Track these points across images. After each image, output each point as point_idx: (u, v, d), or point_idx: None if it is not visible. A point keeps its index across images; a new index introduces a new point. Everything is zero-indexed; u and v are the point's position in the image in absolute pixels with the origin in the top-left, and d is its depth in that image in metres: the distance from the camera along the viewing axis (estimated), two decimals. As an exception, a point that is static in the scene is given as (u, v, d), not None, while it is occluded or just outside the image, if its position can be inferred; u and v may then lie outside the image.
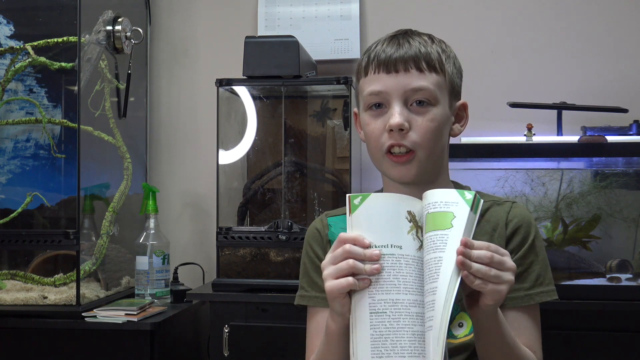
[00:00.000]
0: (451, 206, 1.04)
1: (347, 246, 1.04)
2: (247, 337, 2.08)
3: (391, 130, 1.20)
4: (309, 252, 1.32)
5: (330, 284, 1.04)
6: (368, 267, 1.03)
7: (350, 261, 1.03)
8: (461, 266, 1.01)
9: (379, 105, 1.23)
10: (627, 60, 2.44)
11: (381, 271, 1.03)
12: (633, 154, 2.12)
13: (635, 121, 2.21)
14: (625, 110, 2.24)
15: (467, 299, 1.08)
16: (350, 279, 1.02)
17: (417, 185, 1.23)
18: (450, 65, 1.26)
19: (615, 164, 2.21)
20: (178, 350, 2.32)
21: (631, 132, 2.20)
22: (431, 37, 1.27)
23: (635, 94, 2.40)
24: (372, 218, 1.06)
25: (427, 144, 1.22)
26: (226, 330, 2.09)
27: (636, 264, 2.12)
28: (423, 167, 1.23)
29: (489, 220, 1.28)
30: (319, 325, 1.29)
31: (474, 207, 1.05)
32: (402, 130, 1.20)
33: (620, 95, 2.38)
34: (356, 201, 1.07)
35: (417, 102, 1.21)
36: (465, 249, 1.01)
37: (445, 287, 1.01)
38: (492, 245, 1.04)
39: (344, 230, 1.29)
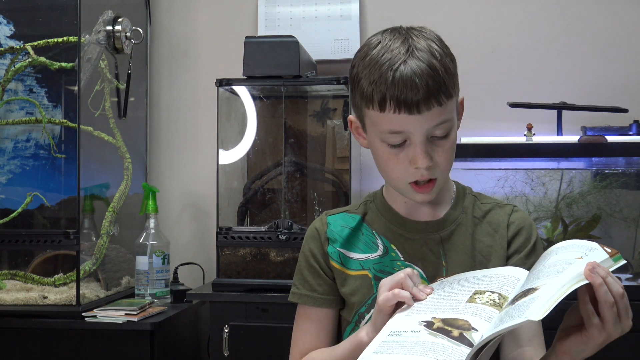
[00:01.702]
0: (583, 250, 1.03)
1: (409, 270, 1.09)
2: (247, 337, 2.08)
3: (416, 167, 1.17)
4: (305, 250, 1.32)
5: (381, 297, 1.08)
6: (417, 289, 1.08)
7: (402, 274, 1.08)
8: (589, 275, 0.96)
9: (400, 142, 1.18)
10: (627, 60, 2.44)
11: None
12: (633, 154, 2.12)
13: (635, 121, 2.21)
14: (625, 110, 2.24)
15: (563, 332, 1.05)
16: (396, 290, 1.07)
17: None
18: (455, 69, 1.21)
19: (615, 164, 2.21)
20: (178, 350, 2.32)
21: (631, 132, 2.20)
22: (432, 45, 1.17)
23: (635, 94, 2.40)
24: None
25: (447, 168, 1.21)
26: (226, 330, 2.09)
27: (636, 264, 2.12)
28: (442, 186, 1.23)
29: (490, 222, 1.28)
30: (308, 323, 1.30)
31: (612, 256, 1.01)
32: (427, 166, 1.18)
33: (620, 95, 2.38)
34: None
35: (439, 134, 1.18)
36: (601, 267, 0.98)
37: (566, 278, 0.96)
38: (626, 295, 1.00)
39: (343, 228, 1.30)
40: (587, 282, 0.96)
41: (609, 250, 1.03)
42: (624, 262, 1.04)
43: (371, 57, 1.18)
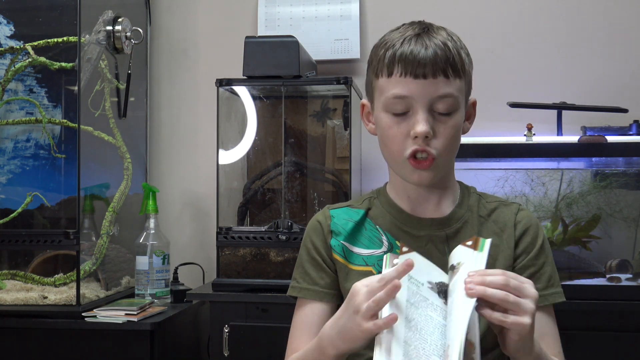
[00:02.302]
0: (459, 259, 1.05)
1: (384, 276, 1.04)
2: (247, 337, 2.08)
3: (416, 136, 1.18)
4: (307, 243, 1.32)
5: (368, 325, 1.02)
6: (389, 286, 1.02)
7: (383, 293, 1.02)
8: (470, 292, 0.98)
9: (403, 111, 1.20)
10: (627, 60, 2.44)
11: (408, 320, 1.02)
12: (633, 154, 2.12)
13: (635, 121, 2.21)
14: (625, 110, 2.24)
15: (500, 340, 1.05)
16: (382, 321, 1.01)
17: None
18: (470, 66, 1.25)
19: (615, 164, 2.21)
20: (178, 350, 2.32)
21: (631, 132, 2.20)
22: (450, 36, 1.23)
23: (635, 94, 2.40)
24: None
25: (448, 150, 1.21)
26: (226, 330, 2.09)
27: (636, 264, 2.12)
28: (441, 171, 1.23)
29: (496, 220, 1.28)
30: (306, 318, 1.29)
31: (477, 246, 1.04)
32: (426, 137, 1.18)
33: (620, 95, 2.38)
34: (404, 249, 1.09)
35: (441, 109, 1.19)
36: (474, 276, 0.99)
37: (457, 317, 0.97)
38: (509, 272, 1.01)
39: (347, 221, 1.29)
40: (474, 300, 0.97)
41: (469, 243, 1.05)
42: (489, 241, 1.04)
43: (386, 37, 1.24)
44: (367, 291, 1.03)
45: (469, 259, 1.04)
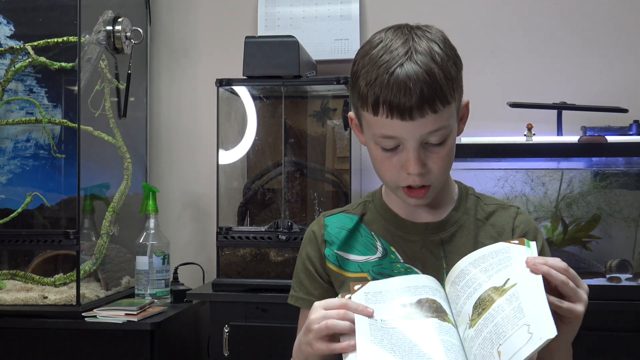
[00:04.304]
0: (501, 254, 1.06)
1: (345, 300, 1.06)
2: (247, 337, 2.08)
3: (408, 173, 1.15)
4: (302, 253, 1.31)
5: (320, 346, 1.05)
6: (361, 307, 1.04)
7: (342, 311, 1.04)
8: (534, 269, 1.00)
9: (393, 147, 1.15)
10: (627, 61, 2.44)
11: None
12: (633, 154, 2.12)
13: (635, 121, 2.21)
14: (625, 110, 2.24)
15: None
16: (339, 345, 1.03)
17: None
18: (459, 74, 1.17)
19: (615, 164, 2.22)
20: (178, 350, 2.32)
21: (631, 132, 2.20)
22: (434, 52, 1.12)
23: (635, 94, 2.40)
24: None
25: (443, 175, 1.19)
26: (226, 330, 2.09)
27: (636, 264, 2.12)
28: (437, 190, 1.21)
29: (494, 224, 1.26)
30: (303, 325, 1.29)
31: (524, 244, 1.06)
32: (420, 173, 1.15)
33: (620, 95, 2.38)
34: (356, 287, 1.08)
35: (433, 141, 1.14)
36: (535, 258, 1.02)
37: (532, 290, 0.98)
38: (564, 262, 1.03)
39: (340, 229, 1.28)
40: (540, 276, 1.00)
41: (516, 241, 1.08)
42: (534, 243, 1.08)
43: (371, 56, 1.15)
44: (323, 315, 1.05)
45: (519, 252, 1.05)
